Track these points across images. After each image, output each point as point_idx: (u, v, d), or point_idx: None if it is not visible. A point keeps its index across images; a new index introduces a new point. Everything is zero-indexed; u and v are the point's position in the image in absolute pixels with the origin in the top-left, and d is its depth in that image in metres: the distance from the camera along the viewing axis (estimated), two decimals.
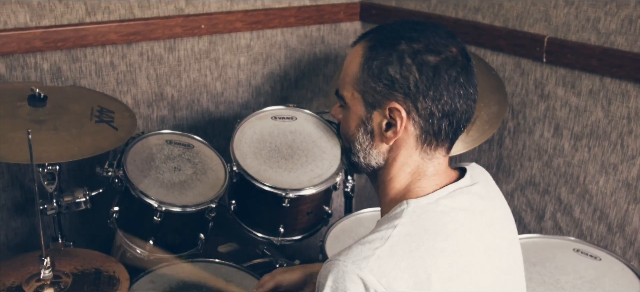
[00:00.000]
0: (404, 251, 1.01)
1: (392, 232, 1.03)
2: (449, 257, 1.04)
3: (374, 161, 1.15)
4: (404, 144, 1.11)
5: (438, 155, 1.13)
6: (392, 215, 1.08)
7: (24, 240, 2.30)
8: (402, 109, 1.08)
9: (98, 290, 1.56)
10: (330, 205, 2.24)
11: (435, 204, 1.09)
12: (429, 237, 1.04)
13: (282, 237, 2.16)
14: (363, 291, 0.98)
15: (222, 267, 2.04)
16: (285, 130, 2.24)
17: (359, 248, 1.02)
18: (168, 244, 2.03)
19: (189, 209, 1.94)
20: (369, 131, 1.13)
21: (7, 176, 2.18)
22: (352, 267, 0.99)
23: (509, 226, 1.23)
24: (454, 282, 1.03)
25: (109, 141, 1.79)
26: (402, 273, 0.99)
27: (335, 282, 1.00)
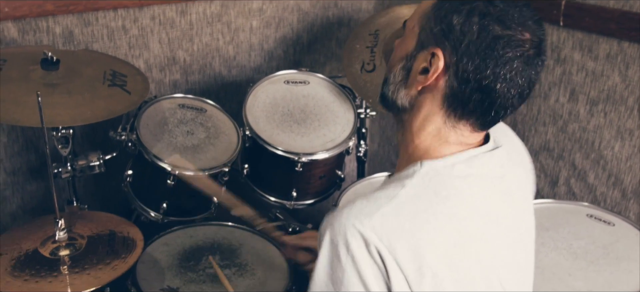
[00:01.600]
0: (409, 212, 1.00)
1: (400, 192, 1.01)
2: (456, 224, 1.02)
3: (400, 100, 1.11)
4: (430, 97, 1.07)
5: (462, 127, 1.08)
6: (404, 174, 1.06)
7: (39, 203, 2.32)
8: (442, 59, 1.03)
9: (113, 252, 1.58)
10: (343, 169, 2.24)
11: (450, 168, 1.06)
12: (438, 201, 1.02)
13: (294, 201, 2.16)
14: (363, 247, 0.96)
15: (235, 231, 2.06)
16: (298, 95, 2.23)
17: (364, 203, 1.00)
18: (181, 208, 2.04)
19: (202, 172, 1.95)
20: (407, 68, 1.09)
21: (22, 139, 2.19)
22: (353, 221, 0.97)
23: (526, 194, 1.21)
24: (458, 249, 1.02)
25: (122, 105, 1.79)
26: (405, 234, 0.97)
27: (336, 235, 0.98)
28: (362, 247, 0.96)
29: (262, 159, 2.11)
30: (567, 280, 1.69)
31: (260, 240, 2.03)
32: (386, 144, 3.03)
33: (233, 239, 2.00)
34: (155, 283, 1.79)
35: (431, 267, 0.98)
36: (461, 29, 1.02)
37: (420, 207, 1.01)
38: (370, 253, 0.96)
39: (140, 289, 1.75)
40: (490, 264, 1.07)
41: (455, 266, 1.01)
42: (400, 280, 0.97)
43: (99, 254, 1.56)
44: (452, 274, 1.00)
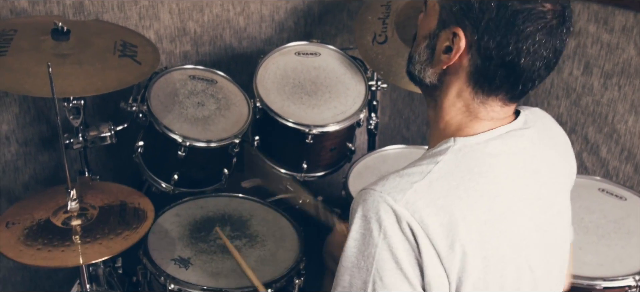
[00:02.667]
0: (442, 188, 0.99)
1: (434, 168, 1.01)
2: (488, 201, 1.01)
3: (428, 79, 1.10)
4: (456, 74, 1.06)
5: (491, 103, 1.07)
6: (437, 150, 1.05)
7: (51, 174, 2.33)
8: (463, 39, 1.02)
9: (124, 222, 1.58)
10: (353, 142, 2.23)
11: (483, 145, 1.05)
12: (471, 177, 1.01)
13: (305, 173, 2.16)
14: (395, 223, 0.96)
15: (245, 202, 2.06)
16: (309, 66, 2.22)
17: (397, 180, 1.00)
18: (192, 179, 2.05)
19: (213, 144, 1.95)
20: (431, 46, 1.08)
21: (33, 110, 2.20)
22: (386, 197, 0.97)
23: (559, 177, 1.19)
24: (489, 227, 1.01)
25: (132, 75, 1.79)
26: (438, 210, 0.97)
27: (368, 211, 0.98)
28: (395, 223, 0.96)
29: (272, 131, 2.11)
30: (578, 254, 1.68)
31: (270, 211, 2.03)
32: (397, 116, 3.02)
33: (243, 210, 2.01)
34: (167, 253, 1.80)
35: (463, 244, 0.97)
36: (480, 6, 1.01)
37: (453, 184, 1.00)
38: (402, 229, 0.96)
39: (151, 260, 1.76)
40: (519, 244, 1.06)
41: (486, 243, 1.00)
42: (432, 256, 0.96)
43: (110, 224, 1.57)
44: (482, 251, 1.00)
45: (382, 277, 0.98)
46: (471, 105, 1.07)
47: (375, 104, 2.43)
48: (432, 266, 0.97)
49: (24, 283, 2.47)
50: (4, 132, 2.17)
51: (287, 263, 1.81)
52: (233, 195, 2.09)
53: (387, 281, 0.97)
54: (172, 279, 1.70)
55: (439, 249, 0.96)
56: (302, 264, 1.83)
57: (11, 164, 2.24)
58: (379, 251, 0.97)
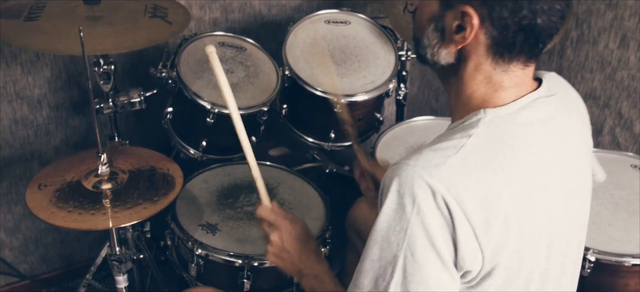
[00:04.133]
0: (477, 162, 0.97)
1: (467, 142, 0.99)
2: (522, 173, 1.00)
3: (443, 59, 1.07)
4: (473, 50, 1.03)
5: (513, 68, 1.04)
6: (468, 123, 1.03)
7: (82, 138, 2.36)
8: (475, 16, 0.98)
9: (153, 187, 1.60)
10: (381, 112, 2.22)
11: (515, 115, 1.03)
12: (505, 150, 1.00)
13: (332, 143, 2.16)
14: (430, 199, 0.94)
15: (273, 170, 2.07)
16: (338, 35, 2.20)
17: (431, 154, 0.98)
18: (220, 146, 2.05)
19: (241, 111, 1.93)
20: (439, 28, 1.05)
21: (65, 75, 2.22)
22: (421, 172, 0.95)
23: (584, 143, 1.18)
24: (524, 199, 1.00)
25: (162, 34, 1.79)
26: (473, 185, 0.95)
27: (402, 186, 0.96)
28: (429, 198, 0.94)
29: (301, 100, 2.10)
30: (607, 230, 1.66)
31: (297, 179, 2.04)
32: (426, 87, 2.99)
33: (271, 178, 2.02)
34: (194, 219, 1.82)
35: (498, 218, 0.96)
36: None
37: (487, 157, 0.98)
38: (437, 204, 0.94)
39: (179, 225, 1.78)
40: (552, 213, 1.05)
41: (521, 215, 0.99)
42: (467, 231, 0.95)
43: (140, 189, 1.58)
44: (518, 223, 0.99)
45: (413, 253, 0.96)
46: (493, 76, 1.05)
47: (404, 75, 2.40)
48: (467, 241, 0.96)
49: (54, 245, 2.53)
50: (36, 96, 2.20)
51: (313, 232, 1.81)
52: (260, 163, 2.09)
53: (419, 256, 0.96)
54: (199, 244, 1.72)
55: (475, 224, 0.95)
56: (328, 233, 1.83)
57: (43, 127, 2.27)
58: (412, 227, 0.96)
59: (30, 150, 2.28)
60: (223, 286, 1.74)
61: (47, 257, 2.54)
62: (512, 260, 1.00)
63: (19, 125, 2.22)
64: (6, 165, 2.26)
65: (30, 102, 2.20)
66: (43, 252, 2.52)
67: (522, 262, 1.02)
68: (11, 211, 2.36)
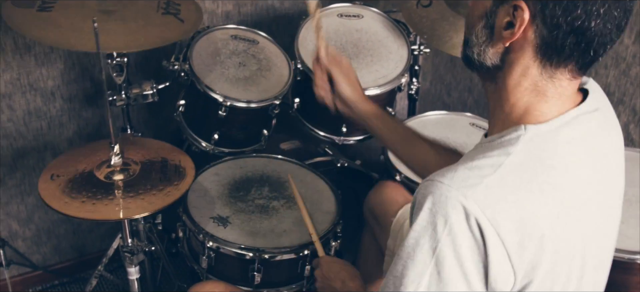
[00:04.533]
0: (514, 183, 0.94)
1: (505, 161, 0.96)
2: (560, 194, 0.97)
3: (489, 60, 1.04)
4: (521, 50, 1.00)
5: (560, 76, 1.00)
6: (507, 140, 0.99)
7: (94, 130, 2.37)
8: (526, 10, 0.95)
9: (165, 179, 1.60)
10: (393, 106, 2.21)
11: (555, 133, 0.99)
12: (544, 170, 0.96)
13: (343, 137, 2.16)
14: (463, 221, 0.92)
15: (284, 164, 2.07)
16: (351, 29, 2.20)
17: (467, 173, 0.95)
18: (232, 139, 2.06)
19: (253, 104, 1.95)
20: (489, 26, 1.02)
21: (78, 67, 2.23)
22: (455, 193, 0.92)
23: (619, 159, 1.14)
24: (562, 220, 0.97)
25: (175, 33, 1.80)
26: (509, 206, 0.93)
27: (435, 205, 0.94)
28: (462, 220, 0.92)
29: (313, 93, 2.09)
30: (620, 227, 1.64)
31: (309, 173, 2.04)
32: (438, 82, 2.97)
33: (282, 171, 2.02)
34: (206, 211, 1.82)
35: (533, 239, 0.94)
36: None
37: (525, 178, 0.95)
38: (469, 226, 0.92)
39: (191, 217, 1.79)
40: (587, 233, 1.03)
41: (557, 236, 0.97)
42: (500, 253, 0.93)
43: (152, 180, 1.59)
44: (553, 245, 0.96)
45: (440, 272, 0.94)
46: (539, 83, 1.01)
47: (417, 69, 2.39)
48: (499, 263, 0.93)
49: (67, 235, 2.54)
50: (50, 87, 2.21)
51: (324, 225, 1.82)
52: (272, 156, 2.10)
53: (445, 276, 0.94)
54: (210, 237, 1.72)
55: (508, 246, 0.92)
56: (339, 227, 1.83)
57: (56, 119, 2.28)
58: (441, 246, 0.93)
59: (43, 141, 2.30)
60: (234, 279, 1.74)
61: (59, 248, 2.56)
62: (545, 280, 0.98)
63: (32, 117, 2.23)
64: (19, 156, 2.28)
65: (44, 93, 2.22)
66: (55, 243, 2.54)
67: (554, 283, 1.00)
68: (24, 201, 2.38)
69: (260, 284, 1.74)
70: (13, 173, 2.30)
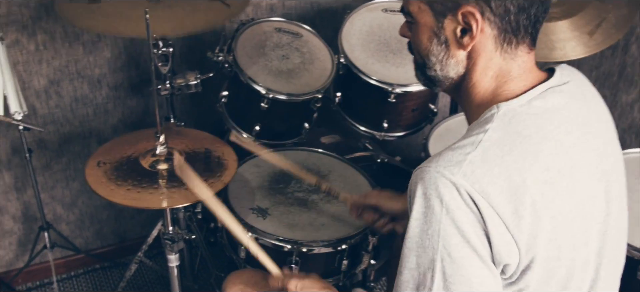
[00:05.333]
0: (496, 155, 0.97)
1: (484, 137, 0.99)
2: (544, 160, 0.99)
3: (452, 71, 1.07)
4: (482, 47, 1.04)
5: (520, 53, 1.05)
6: (483, 120, 1.03)
7: (138, 118, 2.41)
8: (476, 11, 0.99)
9: (208, 169, 1.62)
10: (436, 103, 2.19)
11: (527, 106, 1.03)
12: (522, 140, 0.99)
13: (384, 133, 2.15)
14: (457, 196, 0.94)
15: (324, 157, 2.07)
16: (395, 24, 2.18)
17: (450, 154, 0.99)
18: (273, 131, 2.07)
19: (295, 97, 1.95)
20: (442, 41, 1.05)
21: (124, 56, 2.27)
22: (443, 171, 0.95)
23: (606, 127, 1.16)
24: (550, 185, 0.99)
25: (220, 17, 1.81)
26: (496, 178, 0.95)
27: (427, 189, 0.96)
28: (456, 196, 0.95)
29: (355, 88, 2.09)
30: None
31: (348, 168, 2.03)
32: None
33: (322, 165, 2.02)
34: (246, 202, 1.84)
35: (526, 207, 0.96)
36: None
37: (506, 149, 0.98)
38: (464, 201, 0.94)
39: (231, 207, 1.80)
40: (584, 197, 1.05)
41: (550, 202, 0.99)
42: (498, 224, 0.95)
43: (195, 170, 1.60)
44: (548, 211, 0.98)
45: (450, 253, 0.96)
46: (503, 67, 1.05)
47: None
48: (499, 234, 0.95)
49: (109, 221, 2.59)
50: (97, 75, 2.26)
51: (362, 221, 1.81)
52: (312, 149, 2.10)
53: (456, 255, 0.96)
54: (250, 228, 1.73)
55: (504, 216, 0.95)
56: None
57: (102, 106, 2.33)
58: (444, 227, 0.96)
59: (89, 128, 2.34)
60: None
61: (101, 233, 2.61)
62: (550, 250, 1.00)
63: (79, 104, 2.28)
64: (66, 142, 2.33)
65: (91, 81, 2.26)
66: (98, 228, 2.59)
67: (561, 252, 1.02)
68: (69, 186, 2.43)
69: None
70: (59, 158, 2.35)
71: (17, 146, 2.23)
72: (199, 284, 2.46)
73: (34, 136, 2.25)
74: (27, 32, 2.05)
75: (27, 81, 2.14)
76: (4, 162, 2.25)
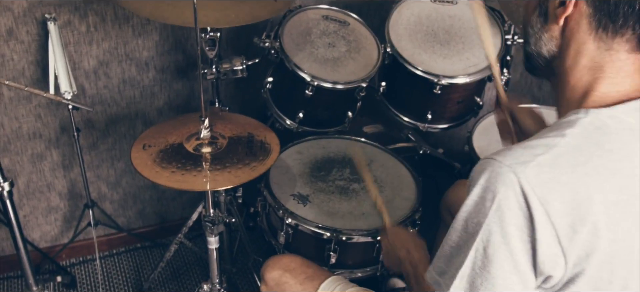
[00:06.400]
0: (568, 163, 0.92)
1: (560, 142, 0.94)
2: (620, 180, 0.94)
3: (544, 47, 1.05)
4: (576, 26, 1.00)
5: (617, 47, 0.98)
6: (565, 121, 0.98)
7: (183, 102, 2.44)
8: None
9: (251, 153, 1.63)
10: (482, 96, 2.16)
11: (618, 120, 0.97)
12: (602, 154, 0.94)
13: (428, 124, 2.13)
14: (512, 197, 0.91)
15: (366, 147, 2.07)
16: (444, 14, 2.15)
17: (519, 151, 0.95)
18: (317, 119, 2.07)
19: (340, 86, 1.95)
20: (542, 13, 1.04)
21: (172, 39, 2.29)
22: (507, 170, 0.92)
23: None
24: (619, 208, 0.93)
25: (265, 11, 1.81)
26: (561, 187, 0.91)
27: (487, 182, 0.94)
28: (512, 196, 0.92)
29: (400, 78, 2.08)
30: None
31: (391, 158, 2.03)
32: (529, 75, 2.88)
33: (364, 154, 2.01)
34: (287, 189, 1.85)
35: (586, 224, 0.91)
36: None
37: (581, 160, 0.93)
38: (518, 203, 0.91)
39: (272, 193, 1.81)
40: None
41: (615, 225, 0.93)
42: (549, 234, 0.91)
43: (238, 154, 1.62)
44: (610, 234, 0.93)
45: (485, 248, 0.95)
46: (596, 58, 0.99)
47: (508, 60, 2.32)
48: (547, 245, 0.91)
49: (151, 202, 2.63)
50: (144, 58, 2.29)
51: (403, 211, 1.80)
52: (355, 138, 2.10)
53: (490, 253, 0.94)
54: (290, 214, 1.74)
55: (558, 227, 0.91)
56: (418, 214, 1.82)
57: (148, 89, 2.36)
58: (488, 222, 0.94)
59: (135, 109, 2.38)
60: (310, 257, 1.75)
61: (143, 213, 2.66)
62: (601, 271, 0.94)
63: (126, 85, 2.31)
64: (112, 122, 2.37)
65: (139, 63, 2.29)
66: (140, 208, 2.64)
67: (613, 275, 0.96)
68: (114, 166, 2.48)
69: (335, 264, 1.75)
70: (105, 138, 2.40)
71: (65, 125, 2.29)
72: (237, 267, 2.49)
73: (82, 116, 2.30)
74: (79, 13, 2.09)
75: (77, 62, 2.18)
76: (52, 140, 2.31)
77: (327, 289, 1.55)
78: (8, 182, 1.70)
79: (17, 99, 2.17)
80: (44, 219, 2.49)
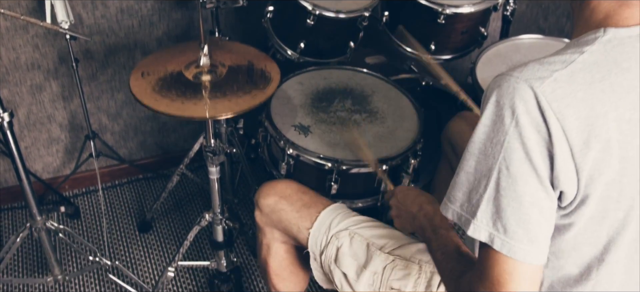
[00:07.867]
0: (585, 80, 0.92)
1: (578, 58, 0.93)
2: (634, 98, 0.93)
3: None
4: None
5: None
6: (583, 40, 0.97)
7: (183, 31, 2.40)
8: None
9: (251, 82, 1.61)
10: (486, 27, 2.12)
11: (636, 39, 0.95)
12: (619, 72, 0.93)
13: (432, 55, 2.09)
14: (530, 112, 0.91)
15: (368, 78, 2.04)
16: None
17: (536, 67, 0.94)
18: (318, 49, 2.04)
19: (342, 15, 1.91)
20: None
21: None
22: (523, 85, 0.91)
23: None
24: (632, 126, 0.93)
25: None
26: (577, 103, 0.90)
27: (502, 98, 0.93)
28: (529, 111, 0.91)
29: (403, 7, 2.04)
30: None
31: (392, 89, 2.00)
32: (535, 5, 2.83)
33: (366, 85, 1.99)
34: (288, 119, 1.83)
35: (600, 141, 0.91)
36: None
37: (597, 76, 0.92)
38: (536, 117, 0.91)
39: (273, 123, 1.80)
40: None
41: (627, 143, 0.93)
42: (564, 149, 0.91)
43: (238, 82, 1.60)
44: (621, 151, 0.93)
45: (508, 166, 0.93)
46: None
47: None
48: (563, 160, 0.91)
49: (152, 133, 2.63)
50: None
51: (404, 142, 1.79)
52: (357, 69, 2.07)
53: (514, 170, 0.93)
54: (291, 144, 1.74)
55: (573, 143, 0.91)
56: (420, 145, 1.81)
57: (147, 18, 2.32)
58: (509, 139, 0.92)
59: (134, 39, 2.35)
60: (311, 187, 1.76)
61: (145, 144, 2.66)
62: (611, 189, 0.95)
63: (124, 15, 2.28)
64: (111, 53, 2.34)
65: None
66: (141, 139, 2.64)
67: (622, 195, 0.96)
68: (114, 97, 2.46)
69: (336, 194, 1.75)
70: (105, 69, 2.37)
71: (63, 55, 2.26)
72: (238, 198, 2.51)
73: (80, 46, 2.27)
74: None
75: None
76: (51, 71, 2.29)
77: (328, 217, 1.56)
78: (8, 113, 1.69)
79: (14, 28, 2.14)
80: (46, 150, 2.49)
